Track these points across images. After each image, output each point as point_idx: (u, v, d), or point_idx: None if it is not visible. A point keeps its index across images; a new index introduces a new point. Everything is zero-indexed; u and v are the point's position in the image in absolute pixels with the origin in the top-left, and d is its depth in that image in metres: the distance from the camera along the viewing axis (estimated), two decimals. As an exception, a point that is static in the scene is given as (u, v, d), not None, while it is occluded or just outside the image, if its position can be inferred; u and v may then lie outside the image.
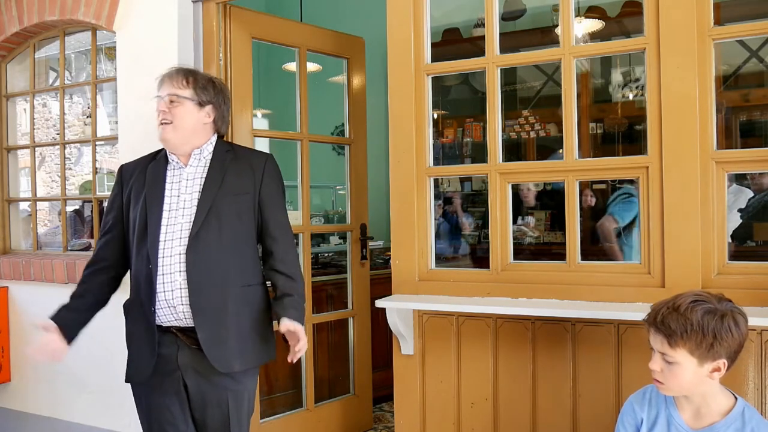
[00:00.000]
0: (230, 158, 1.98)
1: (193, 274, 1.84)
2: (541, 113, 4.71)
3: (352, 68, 3.37)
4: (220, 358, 1.85)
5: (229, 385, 1.90)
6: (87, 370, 3.16)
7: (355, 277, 3.37)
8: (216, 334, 1.85)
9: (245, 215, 1.94)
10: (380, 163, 3.39)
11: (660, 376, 1.46)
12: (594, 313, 1.96)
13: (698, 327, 1.39)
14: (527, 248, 4.31)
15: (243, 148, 2.10)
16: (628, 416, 1.61)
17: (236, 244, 1.91)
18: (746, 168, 2.34)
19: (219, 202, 1.89)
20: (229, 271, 1.89)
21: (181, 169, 1.97)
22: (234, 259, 1.90)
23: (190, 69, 2.00)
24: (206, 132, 1.98)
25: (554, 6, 4.27)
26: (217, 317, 1.85)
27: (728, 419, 1.46)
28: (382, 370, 3.41)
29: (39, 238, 3.63)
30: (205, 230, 1.87)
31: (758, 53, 4.20)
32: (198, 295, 1.84)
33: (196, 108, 1.92)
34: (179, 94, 1.90)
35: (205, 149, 1.98)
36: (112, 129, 3.58)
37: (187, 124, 1.91)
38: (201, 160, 1.97)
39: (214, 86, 1.98)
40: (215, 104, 1.97)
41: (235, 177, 1.94)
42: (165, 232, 1.88)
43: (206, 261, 1.86)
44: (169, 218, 1.90)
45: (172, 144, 1.93)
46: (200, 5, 2.87)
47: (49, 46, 3.56)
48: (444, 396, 2.29)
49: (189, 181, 1.95)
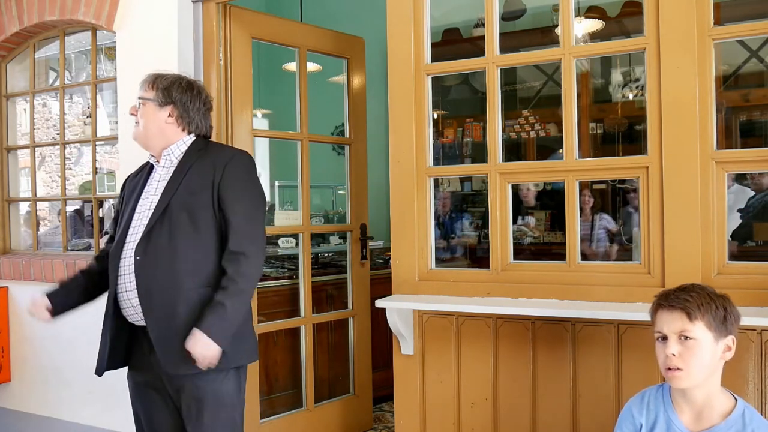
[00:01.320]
0: (197, 158, 1.98)
1: (141, 276, 1.86)
2: (541, 113, 4.71)
3: (352, 68, 3.37)
4: (168, 360, 1.84)
5: (191, 386, 1.87)
6: (87, 370, 3.15)
7: (355, 277, 3.37)
8: (165, 335, 1.84)
9: (201, 214, 1.89)
10: (380, 163, 3.39)
11: (679, 362, 1.43)
12: (594, 313, 1.96)
13: (711, 299, 1.46)
14: (527, 248, 4.32)
15: (217, 147, 2.07)
16: (626, 422, 1.60)
17: (190, 245, 1.87)
18: (746, 168, 2.34)
19: (174, 202, 1.89)
20: (180, 273, 1.85)
21: (156, 171, 2.03)
22: (187, 260, 1.86)
23: (158, 73, 2.05)
24: (173, 132, 2.00)
25: (554, 6, 4.27)
26: (166, 319, 1.84)
27: (729, 421, 1.45)
28: (382, 370, 3.41)
29: (39, 238, 3.63)
30: (156, 232, 1.88)
31: (758, 53, 4.20)
32: (147, 297, 1.85)
33: (156, 108, 1.98)
34: (143, 96, 2.01)
35: (175, 150, 2.00)
36: (112, 129, 3.59)
37: (149, 124, 1.99)
38: (171, 161, 2.00)
39: (179, 86, 2.01)
40: (176, 103, 1.99)
41: (195, 176, 1.93)
42: (130, 233, 1.94)
43: (154, 262, 1.86)
44: (137, 220, 1.95)
45: (142, 143, 2.03)
46: (200, 5, 2.87)
47: (49, 46, 3.56)
48: (444, 396, 2.29)
49: (159, 182, 1.99)
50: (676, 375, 1.45)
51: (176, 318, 1.83)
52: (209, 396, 1.88)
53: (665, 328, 1.47)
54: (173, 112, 2.00)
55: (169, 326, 1.84)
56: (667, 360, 1.45)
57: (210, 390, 1.88)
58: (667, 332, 1.47)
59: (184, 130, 2.02)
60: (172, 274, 1.85)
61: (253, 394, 2.91)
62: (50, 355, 3.29)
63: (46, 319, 2.05)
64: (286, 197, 4.36)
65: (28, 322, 3.37)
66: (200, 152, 1.99)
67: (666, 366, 1.46)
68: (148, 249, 1.87)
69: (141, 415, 2.03)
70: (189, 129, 2.03)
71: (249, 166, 2.00)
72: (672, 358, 1.44)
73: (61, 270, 3.18)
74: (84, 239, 3.78)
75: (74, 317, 3.19)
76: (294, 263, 3.41)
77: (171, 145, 2.00)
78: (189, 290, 1.85)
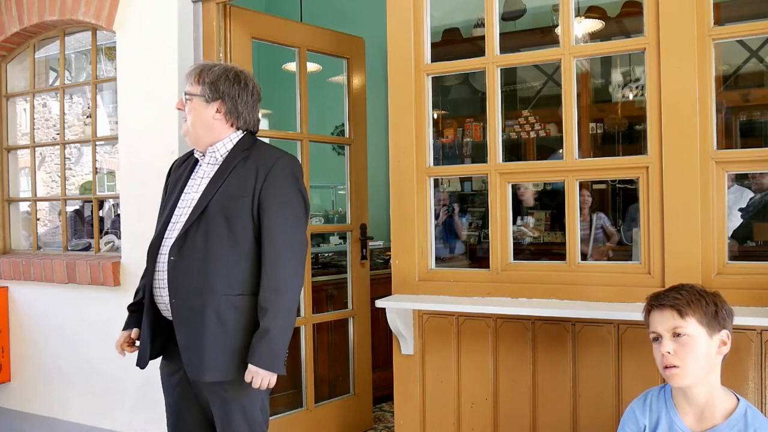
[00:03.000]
0: (241, 158, 1.92)
1: (173, 276, 1.84)
2: (541, 113, 4.71)
3: (352, 68, 3.37)
4: (191, 364, 1.83)
5: (215, 390, 1.86)
6: (87, 370, 3.16)
7: (355, 277, 3.37)
8: (191, 339, 1.82)
9: (239, 220, 1.85)
10: (380, 163, 3.40)
11: (675, 359, 1.45)
12: (594, 313, 1.96)
13: (701, 295, 1.48)
14: (527, 248, 4.32)
15: (264, 147, 2.00)
16: (629, 423, 1.60)
17: (224, 250, 1.83)
18: (746, 168, 2.34)
19: (213, 205, 1.85)
20: (211, 277, 1.82)
21: (201, 166, 1.99)
22: (219, 265, 1.83)
23: (206, 65, 1.98)
24: (221, 128, 1.95)
25: (554, 6, 4.27)
26: (193, 323, 1.82)
27: (731, 421, 1.45)
28: (382, 370, 3.41)
29: (39, 238, 3.63)
30: (192, 233, 1.84)
31: (758, 53, 4.20)
32: (177, 298, 1.83)
33: (203, 104, 1.92)
34: (190, 91, 1.94)
35: (221, 147, 1.95)
36: (112, 129, 3.59)
37: (196, 120, 1.93)
38: (216, 158, 1.95)
39: (227, 80, 1.93)
40: (224, 99, 1.93)
41: (237, 178, 1.88)
42: (169, 229, 1.91)
43: (187, 264, 1.83)
44: (177, 215, 1.92)
45: (190, 139, 1.97)
46: (200, 5, 2.87)
47: (49, 46, 3.56)
48: (444, 396, 2.29)
49: (202, 179, 1.94)
50: (673, 373, 1.45)
51: (204, 324, 1.81)
52: (239, 401, 1.87)
53: (658, 328, 1.49)
54: (221, 108, 1.94)
55: (196, 331, 1.82)
56: (663, 359, 1.47)
57: (241, 395, 1.86)
58: (660, 331, 1.48)
59: (233, 125, 1.97)
60: (203, 279, 1.82)
61: (253, 394, 2.91)
62: (50, 355, 3.29)
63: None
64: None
65: (28, 322, 3.38)
66: (245, 152, 1.94)
67: (663, 365, 1.47)
68: (182, 251, 1.84)
69: (170, 405, 2.00)
70: (237, 124, 1.98)
71: (293, 172, 1.93)
72: (667, 356, 1.46)
73: (61, 270, 3.18)
74: (84, 239, 3.78)
75: (74, 317, 3.20)
76: (294, 263, 3.41)
77: (217, 141, 1.95)
78: (217, 295, 1.82)
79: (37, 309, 3.35)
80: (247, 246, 1.86)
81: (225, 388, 1.86)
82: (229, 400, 1.87)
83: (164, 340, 1.94)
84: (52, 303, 3.30)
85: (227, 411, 1.87)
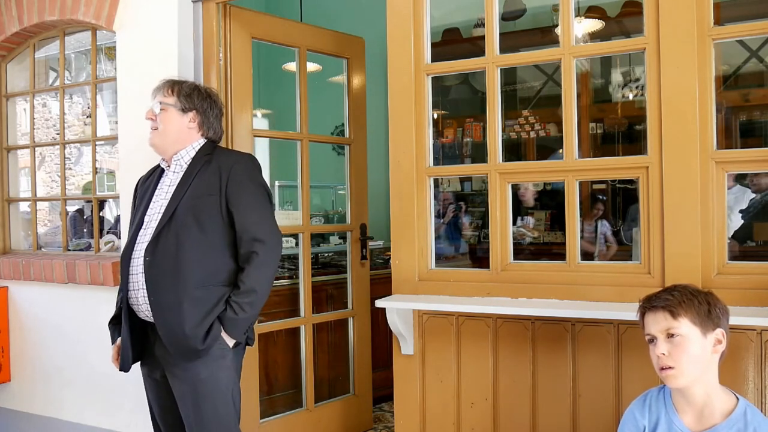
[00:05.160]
0: (204, 162, 2.06)
1: (150, 275, 1.96)
2: (541, 113, 4.71)
3: (352, 68, 3.37)
4: (178, 350, 1.95)
5: (195, 373, 1.96)
6: (87, 370, 3.16)
7: (355, 277, 3.37)
8: (173, 328, 1.94)
9: (208, 218, 1.98)
10: (380, 163, 3.39)
11: (669, 360, 1.45)
12: (594, 313, 1.96)
13: (693, 295, 1.49)
14: (527, 248, 4.32)
15: (224, 152, 2.15)
16: (629, 424, 1.60)
17: (195, 246, 1.96)
18: (746, 168, 2.34)
19: (181, 207, 1.99)
20: (185, 273, 1.94)
21: (166, 175, 2.11)
22: (192, 260, 1.95)
23: (176, 80, 2.15)
24: (190, 137, 2.11)
25: (554, 6, 4.27)
26: (172, 315, 1.94)
27: (730, 420, 1.45)
28: (382, 370, 3.41)
29: (39, 238, 3.62)
30: (164, 234, 1.97)
31: (758, 53, 4.20)
32: (155, 295, 1.95)
33: (179, 114, 2.08)
34: (164, 101, 2.08)
35: (185, 154, 2.10)
36: (112, 129, 3.59)
37: (170, 129, 2.08)
38: (181, 166, 2.09)
39: (199, 93, 2.12)
40: (199, 110, 2.11)
41: (202, 181, 2.02)
42: (141, 235, 2.04)
43: (162, 262, 1.95)
44: (147, 222, 2.05)
45: (159, 148, 2.10)
46: (200, 5, 2.87)
47: (49, 46, 3.56)
48: (444, 396, 2.29)
49: (169, 186, 2.07)
50: (669, 374, 1.46)
51: (182, 313, 1.93)
52: (218, 381, 1.98)
53: (652, 330, 1.49)
54: (195, 118, 2.10)
55: (175, 320, 1.93)
56: (659, 360, 1.47)
57: (220, 373, 1.98)
58: (654, 333, 1.49)
59: (203, 135, 2.13)
60: (177, 273, 1.95)
61: (252, 394, 2.91)
62: (50, 355, 3.29)
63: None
64: (286, 197, 4.36)
65: (28, 322, 3.38)
66: (207, 157, 2.08)
67: (659, 367, 1.48)
68: (156, 250, 1.97)
69: (154, 407, 2.15)
70: (208, 134, 2.14)
71: (254, 168, 2.10)
72: (662, 357, 1.46)
73: (61, 270, 3.18)
74: (84, 239, 3.78)
75: (74, 317, 3.20)
76: (294, 263, 3.41)
77: (182, 149, 2.09)
78: (193, 288, 1.95)
79: (37, 309, 3.35)
80: (218, 240, 2.00)
81: (204, 366, 1.96)
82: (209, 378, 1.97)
83: (141, 343, 2.08)
84: (52, 303, 3.29)
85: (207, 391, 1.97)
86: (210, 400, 1.97)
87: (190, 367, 1.96)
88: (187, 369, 1.96)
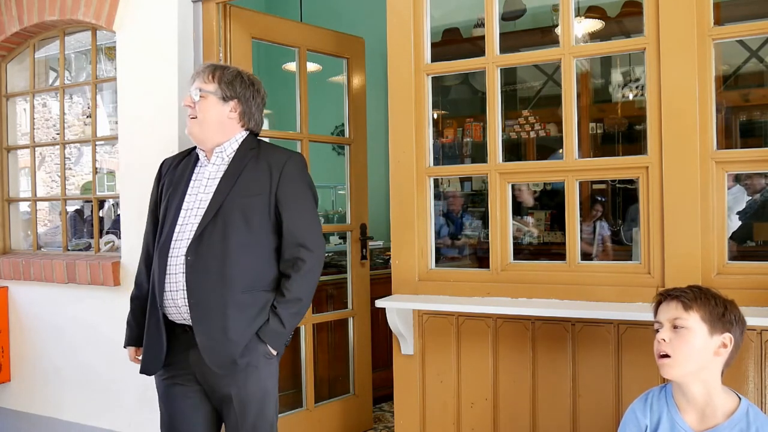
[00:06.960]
0: (251, 157, 1.94)
1: (191, 276, 1.84)
2: (541, 113, 4.71)
3: (352, 68, 3.37)
4: (215, 359, 1.83)
5: (231, 384, 1.87)
6: (87, 370, 3.16)
7: (355, 277, 3.37)
8: (212, 335, 1.82)
9: (256, 218, 1.87)
10: (380, 163, 3.39)
11: (668, 347, 1.46)
12: (594, 313, 1.96)
13: (712, 296, 1.49)
14: (527, 248, 4.32)
15: (270, 147, 2.03)
16: (631, 424, 1.59)
17: (243, 247, 1.85)
18: (746, 168, 2.34)
19: (228, 203, 1.86)
20: (231, 275, 1.83)
21: (205, 166, 1.97)
22: (239, 262, 1.85)
23: (218, 65, 2.00)
24: (232, 128, 1.96)
25: (554, 6, 4.27)
26: (214, 319, 1.82)
27: (732, 420, 1.45)
28: (382, 370, 3.41)
29: (39, 238, 3.62)
30: (209, 233, 1.85)
31: (758, 53, 4.20)
32: (196, 297, 1.83)
33: (219, 102, 1.93)
34: (203, 88, 1.93)
35: (228, 147, 1.96)
36: (112, 129, 3.59)
37: (210, 118, 1.92)
38: (223, 158, 1.96)
39: (242, 81, 1.96)
40: (240, 99, 1.96)
41: (250, 177, 1.90)
42: (178, 231, 1.90)
43: (205, 264, 1.84)
44: (185, 217, 1.91)
45: (197, 138, 1.96)
46: (200, 5, 2.87)
47: (49, 46, 3.56)
48: (444, 396, 2.29)
49: (209, 180, 1.94)
50: (664, 362, 1.48)
51: (226, 319, 1.82)
52: (250, 391, 1.88)
53: (661, 317, 1.51)
54: (237, 108, 1.96)
55: (217, 327, 1.82)
56: (658, 346, 1.48)
57: (254, 387, 1.89)
58: (662, 320, 1.50)
59: (243, 126, 2.00)
60: (223, 276, 1.83)
61: (253, 394, 2.91)
62: (50, 355, 3.29)
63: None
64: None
65: (28, 322, 3.38)
66: (253, 152, 1.96)
67: (657, 353, 1.49)
68: (199, 250, 1.84)
69: (171, 414, 1.97)
70: (248, 125, 2.01)
71: (304, 167, 1.99)
72: (662, 343, 1.47)
73: (61, 270, 3.18)
74: (84, 239, 3.78)
75: (74, 317, 3.20)
76: (294, 263, 3.41)
77: (225, 141, 1.96)
78: (237, 292, 1.84)
79: (37, 309, 3.35)
80: (266, 241, 1.90)
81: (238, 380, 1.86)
82: (244, 392, 1.87)
83: (169, 347, 1.93)
84: (51, 303, 3.29)
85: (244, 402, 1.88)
86: (256, 405, 1.89)
87: (232, 376, 1.85)
88: (227, 377, 1.85)
